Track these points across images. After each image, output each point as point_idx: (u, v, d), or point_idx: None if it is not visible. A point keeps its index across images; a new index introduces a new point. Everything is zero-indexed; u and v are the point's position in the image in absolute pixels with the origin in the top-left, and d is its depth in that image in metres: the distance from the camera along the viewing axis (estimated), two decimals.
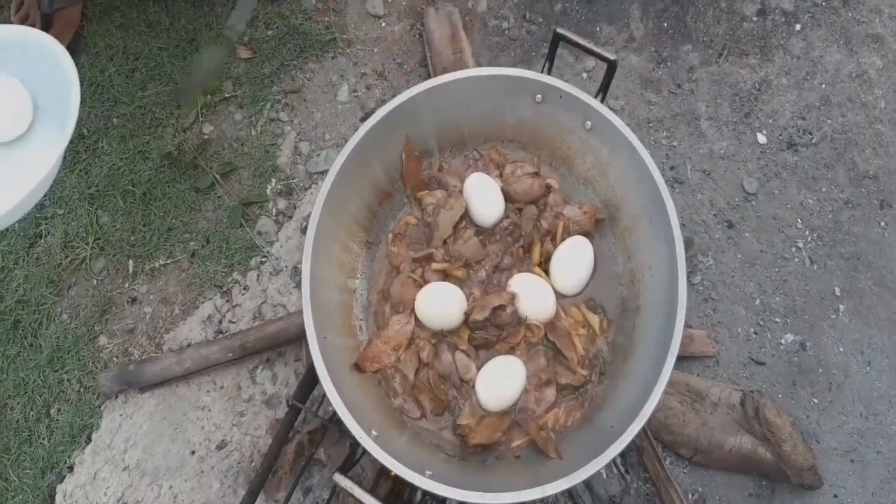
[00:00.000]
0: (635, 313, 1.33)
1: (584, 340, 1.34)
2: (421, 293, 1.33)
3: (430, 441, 1.29)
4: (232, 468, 1.82)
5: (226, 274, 2.02)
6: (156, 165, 2.11)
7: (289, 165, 2.14)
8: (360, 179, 1.37)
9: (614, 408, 1.24)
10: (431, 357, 1.32)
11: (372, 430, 1.13)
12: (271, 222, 2.08)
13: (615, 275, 1.41)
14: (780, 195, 2.06)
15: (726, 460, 1.68)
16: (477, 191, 1.40)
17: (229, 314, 1.98)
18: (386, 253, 1.43)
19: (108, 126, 2.19)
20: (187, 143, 2.15)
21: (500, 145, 1.50)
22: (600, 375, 1.33)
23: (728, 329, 1.91)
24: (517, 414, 1.29)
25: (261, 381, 1.90)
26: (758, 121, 2.15)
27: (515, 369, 1.28)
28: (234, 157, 2.15)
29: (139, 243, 2.06)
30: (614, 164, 1.36)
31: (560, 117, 1.38)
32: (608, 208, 1.43)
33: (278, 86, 2.25)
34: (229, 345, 1.83)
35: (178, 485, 1.82)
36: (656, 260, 1.28)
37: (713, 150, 2.11)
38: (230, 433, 1.86)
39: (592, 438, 1.21)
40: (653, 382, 1.12)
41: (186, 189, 2.10)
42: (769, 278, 1.97)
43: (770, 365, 1.88)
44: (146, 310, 2.01)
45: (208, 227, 2.07)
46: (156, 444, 1.86)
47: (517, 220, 1.41)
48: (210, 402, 1.89)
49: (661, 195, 1.24)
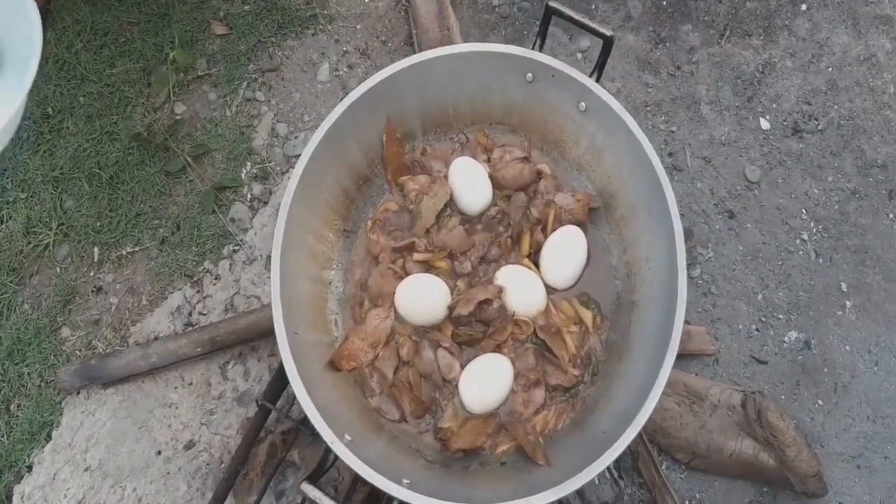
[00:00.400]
0: (631, 309, 1.30)
1: (576, 338, 1.31)
2: (401, 286, 1.31)
3: (409, 445, 1.26)
4: (200, 470, 1.78)
5: (196, 263, 1.99)
6: (124, 147, 2.08)
7: (265, 148, 2.11)
8: (337, 163, 1.34)
9: (608, 411, 1.22)
10: (412, 355, 1.29)
11: (345, 434, 1.10)
12: (245, 208, 2.04)
13: (610, 268, 1.38)
14: (784, 184, 2.04)
15: (726, 465, 1.65)
16: (463, 176, 1.37)
17: (199, 305, 1.94)
18: (364, 242, 1.40)
19: (74, 105, 2.14)
20: (158, 123, 2.12)
21: (487, 128, 1.48)
22: (593, 376, 1.31)
23: (728, 325, 1.89)
24: (503, 417, 1.27)
25: (232, 377, 1.86)
26: (761, 105, 2.14)
27: (502, 369, 1.25)
28: (208, 138, 2.11)
29: (105, 229, 2.02)
30: (610, 148, 1.34)
31: (552, 98, 1.36)
32: (603, 196, 1.40)
33: (255, 64, 2.22)
34: (198, 338, 1.78)
35: (143, 487, 1.78)
36: (654, 252, 1.26)
37: (714, 135, 2.09)
38: (199, 432, 1.82)
39: (584, 444, 1.18)
40: (650, 384, 1.09)
41: (156, 172, 2.06)
42: (772, 272, 1.94)
43: (772, 364, 1.85)
44: (112, 300, 1.97)
45: (179, 213, 2.04)
46: (119, 444, 1.82)
47: (505, 208, 1.39)
48: (178, 399, 1.85)
49: (660, 182, 1.20)
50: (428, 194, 1.36)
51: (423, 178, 1.41)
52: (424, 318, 1.31)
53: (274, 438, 1.70)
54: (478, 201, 1.38)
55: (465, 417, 1.26)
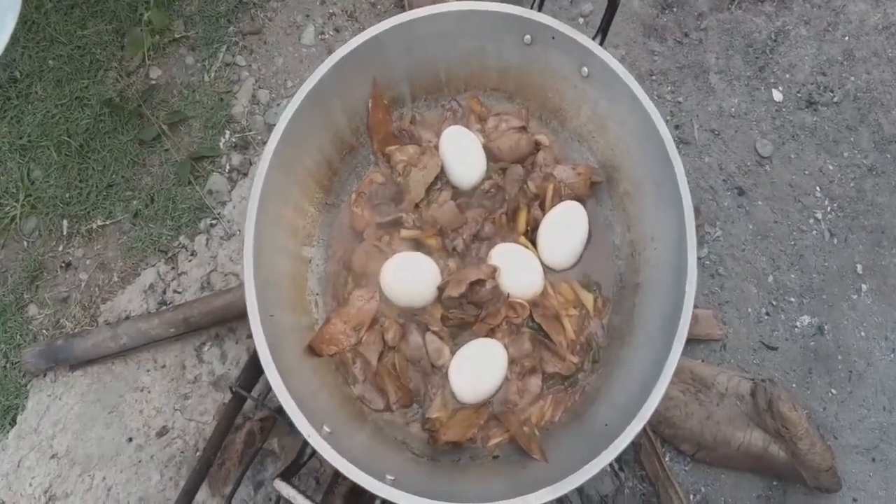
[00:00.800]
0: (635, 291, 1.28)
1: (576, 322, 1.29)
2: (387, 264, 1.28)
3: (395, 437, 1.24)
4: (174, 458, 1.76)
5: (171, 238, 1.96)
6: (95, 114, 2.05)
7: (245, 116, 2.08)
8: (319, 130, 1.30)
9: (609, 402, 1.19)
10: (398, 339, 1.27)
11: (324, 425, 1.07)
12: (224, 180, 2.01)
13: (613, 247, 1.35)
14: (797, 159, 2.02)
15: (733, 458, 1.63)
16: (455, 147, 1.34)
17: (174, 283, 1.92)
18: (348, 216, 1.37)
19: (43, 69, 2.11)
20: (131, 88, 2.09)
21: (482, 94, 1.44)
22: (593, 363, 1.28)
23: (737, 309, 1.86)
24: (496, 407, 1.25)
25: (208, 359, 1.84)
26: (773, 76, 2.11)
27: (495, 355, 1.23)
28: (184, 105, 2.08)
29: (75, 201, 1.99)
30: (614, 117, 1.30)
31: (552, 62, 1.32)
32: (606, 169, 1.37)
33: (235, 26, 2.17)
34: (171, 318, 1.75)
35: (113, 476, 1.76)
36: (661, 230, 1.23)
37: (723, 107, 2.07)
38: (172, 418, 1.80)
39: (583, 438, 1.16)
40: (655, 374, 1.05)
41: (129, 141, 2.03)
42: (784, 252, 1.92)
43: (783, 350, 1.83)
44: (81, 276, 1.95)
45: (153, 185, 2.01)
46: (88, 430, 1.80)
47: (500, 182, 1.36)
48: (150, 382, 1.83)
49: (669, 155, 1.17)
50: (417, 166, 1.33)
51: (411, 149, 1.37)
52: (412, 299, 1.28)
53: (252, 426, 1.67)
54: (471, 174, 1.34)
55: (455, 407, 1.24)
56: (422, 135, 1.40)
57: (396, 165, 1.36)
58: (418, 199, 1.32)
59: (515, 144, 1.36)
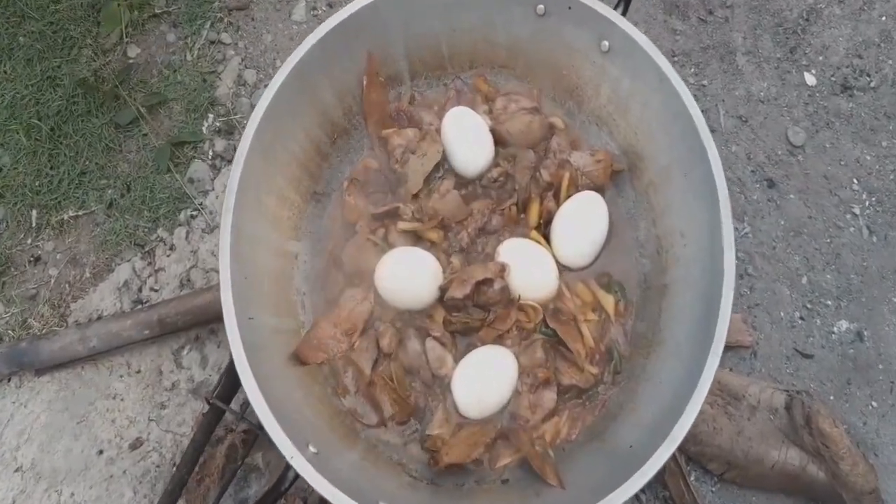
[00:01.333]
0: (662, 294, 1.25)
1: (595, 328, 1.26)
2: (383, 261, 1.25)
3: (390, 457, 1.21)
4: (148, 472, 1.71)
5: (149, 230, 1.93)
6: (68, 95, 2.03)
7: (230, 98, 2.06)
8: (306, 110, 1.28)
9: (634, 420, 1.15)
10: (395, 346, 1.24)
11: (309, 444, 1.04)
12: (206, 167, 1.99)
13: (636, 243, 1.33)
14: (833, 149, 1.97)
15: (767, 478, 1.59)
16: (458, 130, 1.32)
17: (151, 280, 1.88)
18: (339, 207, 1.35)
19: (13, 46, 2.07)
20: (107, 68, 2.06)
21: (489, 72, 1.43)
22: (615, 375, 1.24)
23: (768, 313, 1.82)
24: (505, 423, 1.21)
25: (187, 364, 1.80)
26: (805, 58, 2.07)
27: (504, 364, 1.19)
28: (164, 86, 2.06)
29: (45, 190, 1.97)
30: (637, 97, 1.28)
31: (568, 36, 1.29)
32: (628, 156, 1.35)
33: (221, 1, 2.14)
34: (145, 319, 1.70)
35: (82, 492, 1.71)
36: (691, 225, 1.20)
37: (751, 91, 2.03)
38: (147, 429, 1.75)
39: (604, 460, 1.12)
40: (687, 389, 1.01)
41: (104, 124, 2.01)
42: (819, 251, 1.88)
43: (819, 358, 1.78)
44: (51, 272, 1.91)
45: (129, 172, 1.98)
46: (55, 441, 1.75)
47: (510, 170, 1.33)
48: (123, 389, 1.78)
49: (701, 139, 1.13)
50: (416, 152, 1.31)
51: (410, 132, 1.35)
52: (410, 300, 1.25)
53: (234, 439, 1.61)
54: (476, 160, 1.31)
55: (459, 423, 1.20)
56: (422, 117, 1.38)
57: (393, 151, 1.33)
58: (417, 189, 1.30)
59: (526, 127, 1.33)
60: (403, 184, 1.31)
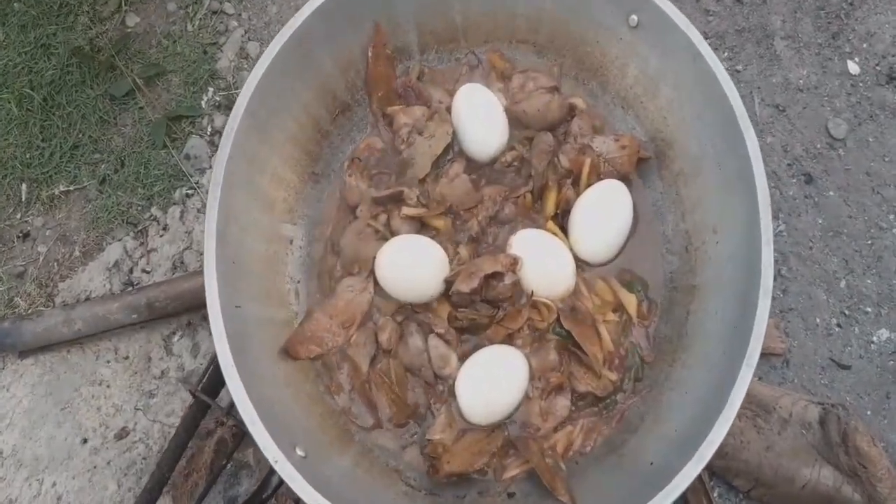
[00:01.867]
0: (690, 295, 1.22)
1: (614, 330, 1.23)
2: (384, 249, 1.23)
3: (385, 464, 1.18)
4: (134, 465, 1.68)
5: (142, 209, 1.91)
6: (62, 64, 2.00)
7: (231, 71, 2.03)
8: (305, 83, 1.27)
9: (656, 433, 1.12)
10: (395, 341, 1.23)
11: (297, 447, 1.02)
12: (204, 143, 1.96)
13: (663, 238, 1.30)
14: (876, 143, 1.90)
15: (797, 498, 1.53)
16: (471, 109, 1.30)
17: (142, 261, 1.85)
18: (339, 189, 1.34)
19: (7, 12, 2.05)
20: (104, 37, 2.03)
21: (506, 47, 1.41)
22: (636, 382, 1.22)
23: (802, 318, 1.76)
24: (513, 431, 1.19)
25: (178, 351, 1.76)
26: (849, 44, 2.00)
27: (514, 366, 1.17)
28: (163, 57, 2.04)
29: (36, 163, 1.94)
30: (668, 78, 1.26)
31: (593, 8, 1.29)
32: (656, 143, 1.33)
33: None
34: (133, 302, 1.65)
35: (64, 482, 1.68)
36: (725, 221, 1.17)
37: (789, 79, 1.96)
38: (134, 419, 1.72)
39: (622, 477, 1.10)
40: (717, 402, 0.97)
41: (99, 96, 1.98)
42: (858, 253, 1.82)
43: (857, 370, 1.72)
44: (40, 249, 1.89)
45: (124, 147, 1.95)
46: (37, 427, 1.73)
47: (526, 154, 1.32)
48: (110, 375, 1.75)
49: (739, 125, 1.10)
50: (424, 132, 1.30)
51: (418, 111, 1.34)
52: (413, 293, 1.23)
53: (223, 433, 1.57)
54: (489, 143, 1.30)
55: (463, 429, 1.18)
56: (431, 94, 1.37)
57: (399, 130, 1.32)
58: (424, 173, 1.29)
59: (545, 108, 1.31)
60: (409, 166, 1.29)
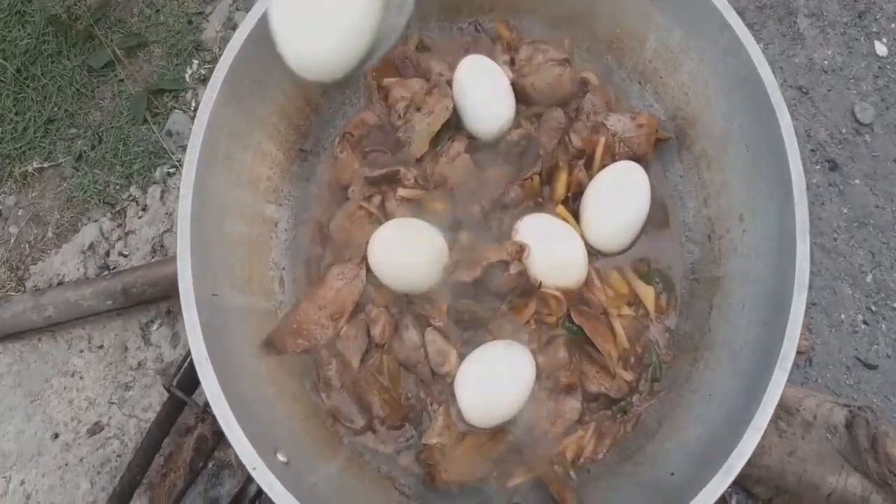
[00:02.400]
0: (714, 288, 1.17)
1: (630, 326, 1.19)
2: (378, 233, 1.18)
3: (377, 469, 1.15)
4: (108, 462, 1.67)
5: (120, 188, 1.89)
6: (37, 32, 2.00)
7: (218, 42, 2.01)
8: None
9: (676, 440, 1.08)
10: (389, 335, 1.19)
11: (278, 452, 0.98)
12: (187, 119, 1.94)
13: (683, 226, 1.27)
14: None
15: None
16: (474, 83, 1.25)
17: (120, 244, 1.84)
18: (329, 167, 1.31)
19: None
20: (82, 4, 2.04)
21: (514, 17, 1.39)
22: (652, 384, 1.18)
23: (827, 314, 1.75)
24: (518, 435, 1.14)
25: (156, 341, 1.75)
26: (876, 24, 1.98)
27: (519, 364, 1.12)
28: (145, 27, 2.03)
29: (9, 138, 1.94)
30: (691, 52, 1.21)
31: None
32: (676, 122, 1.29)
33: None
34: (108, 288, 1.62)
35: (33, 480, 1.67)
36: (754, 207, 1.12)
37: (813, 59, 1.94)
38: (108, 413, 1.71)
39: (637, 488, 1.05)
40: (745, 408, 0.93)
41: (76, 67, 1.98)
42: (886, 245, 1.81)
43: (884, 370, 1.70)
44: (11, 230, 1.89)
45: (102, 121, 1.94)
46: (6, 421, 1.72)
47: (534, 132, 1.28)
48: (83, 366, 1.74)
49: (772, 103, 1.06)
50: (422, 108, 1.26)
51: (416, 84, 1.30)
52: (409, 282, 1.18)
53: (203, 430, 1.54)
54: (493, 120, 1.25)
55: (463, 432, 1.13)
56: (431, 66, 1.32)
57: (395, 104, 1.28)
58: (422, 152, 1.24)
59: (555, 82, 1.27)
60: (406, 144, 1.25)
